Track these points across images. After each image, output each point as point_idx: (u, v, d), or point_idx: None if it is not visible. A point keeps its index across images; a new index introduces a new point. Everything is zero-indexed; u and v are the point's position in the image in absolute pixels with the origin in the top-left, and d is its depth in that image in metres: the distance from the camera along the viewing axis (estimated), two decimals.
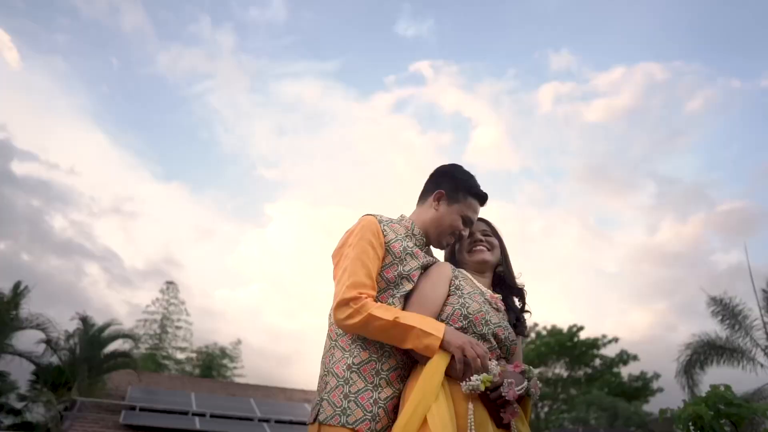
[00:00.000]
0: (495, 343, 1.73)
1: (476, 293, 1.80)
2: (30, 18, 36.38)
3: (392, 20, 39.76)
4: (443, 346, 1.55)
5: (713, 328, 11.61)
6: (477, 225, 1.98)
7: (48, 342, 14.04)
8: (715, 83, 36.86)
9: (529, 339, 25.91)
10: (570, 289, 42.68)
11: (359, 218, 1.83)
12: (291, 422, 13.68)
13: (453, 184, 1.90)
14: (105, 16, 35.85)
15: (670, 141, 38.67)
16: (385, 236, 1.75)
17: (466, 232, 1.92)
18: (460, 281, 1.81)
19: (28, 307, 14.06)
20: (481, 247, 1.93)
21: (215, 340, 33.16)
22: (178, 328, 28.27)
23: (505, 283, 1.98)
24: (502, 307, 1.86)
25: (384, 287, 1.72)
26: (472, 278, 1.89)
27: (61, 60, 37.00)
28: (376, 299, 1.69)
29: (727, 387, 2.22)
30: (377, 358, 1.65)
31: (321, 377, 1.70)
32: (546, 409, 25.53)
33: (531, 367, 1.68)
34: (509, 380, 1.55)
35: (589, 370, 25.87)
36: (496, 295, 1.88)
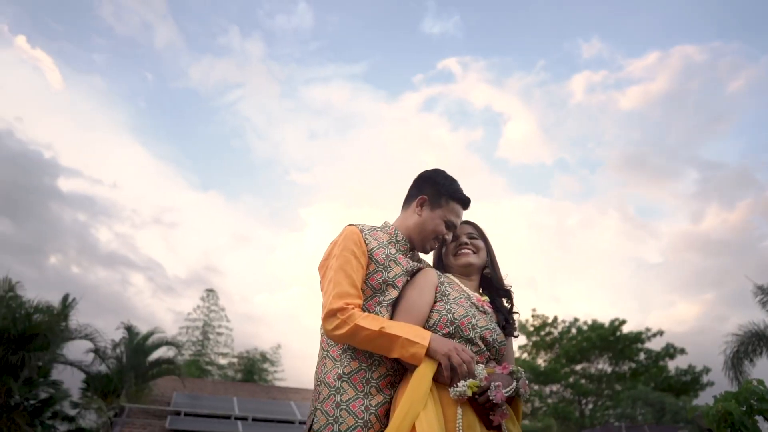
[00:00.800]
0: (483, 346, 1.73)
1: (462, 298, 1.81)
2: (69, 40, 38.01)
3: (417, 19, 39.70)
4: (429, 354, 1.57)
5: (762, 318, 11.13)
6: (463, 228, 1.99)
7: (96, 351, 14.61)
8: (758, 62, 35.43)
9: (570, 334, 25.42)
10: (612, 283, 41.67)
11: (342, 229, 1.86)
12: None
13: (435, 189, 1.92)
14: (138, 33, 37.09)
15: (712, 125, 37.37)
16: (367, 245, 1.78)
17: (450, 236, 1.93)
18: (446, 287, 1.82)
19: (76, 318, 14.64)
20: (466, 251, 1.93)
21: (256, 344, 33.85)
22: (219, 334, 28.94)
23: (492, 285, 1.98)
24: (490, 310, 1.86)
25: (370, 294, 1.75)
26: (459, 282, 1.90)
27: (99, 78, 38.50)
28: (363, 307, 1.71)
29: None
30: (367, 367, 1.67)
31: (315, 387, 1.73)
32: (591, 405, 24.97)
33: (519, 368, 1.69)
34: (496, 383, 1.56)
35: (633, 365, 25.17)
36: (483, 298, 1.89)
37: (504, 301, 1.97)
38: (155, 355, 15.71)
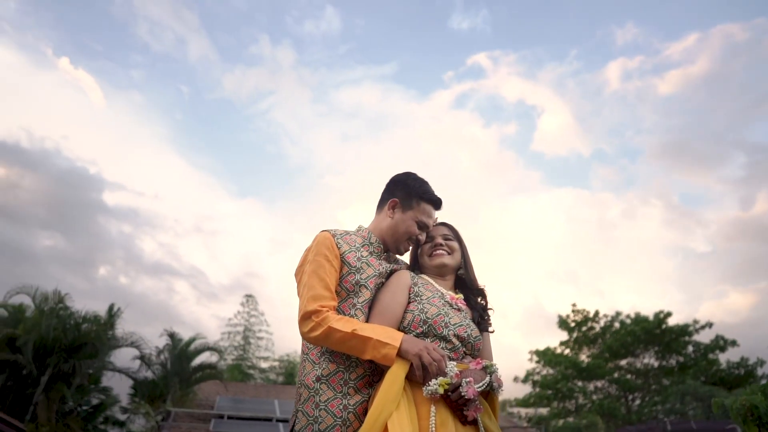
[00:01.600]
0: (458, 342, 1.77)
1: (435, 297, 1.85)
2: (108, 58, 39.57)
3: (445, 15, 39.54)
4: (401, 355, 1.61)
5: None
6: (438, 229, 2.02)
7: (142, 358, 15.14)
8: None
9: (612, 329, 24.74)
10: (657, 274, 40.38)
11: (315, 235, 1.91)
12: None
13: (406, 192, 1.96)
14: (173, 48, 38.32)
15: (759, 106, 35.70)
16: (339, 248, 1.83)
17: (423, 237, 1.97)
18: (419, 287, 1.86)
19: (122, 327, 15.22)
20: (441, 251, 1.96)
21: (296, 348, 34.35)
22: (259, 338, 29.51)
23: (466, 285, 2.01)
24: (464, 306, 1.90)
25: (344, 296, 1.80)
26: (433, 282, 1.93)
27: (138, 93, 39.98)
28: (338, 309, 1.77)
29: None
30: (344, 369, 1.72)
31: (296, 389, 1.80)
32: (637, 401, 24.24)
33: (492, 363, 1.73)
34: (468, 379, 1.60)
35: (681, 359, 24.29)
36: (457, 296, 1.92)
37: (479, 299, 2.00)
38: (198, 360, 16.16)
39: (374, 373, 1.74)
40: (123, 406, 16.30)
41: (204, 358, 16.40)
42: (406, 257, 2.10)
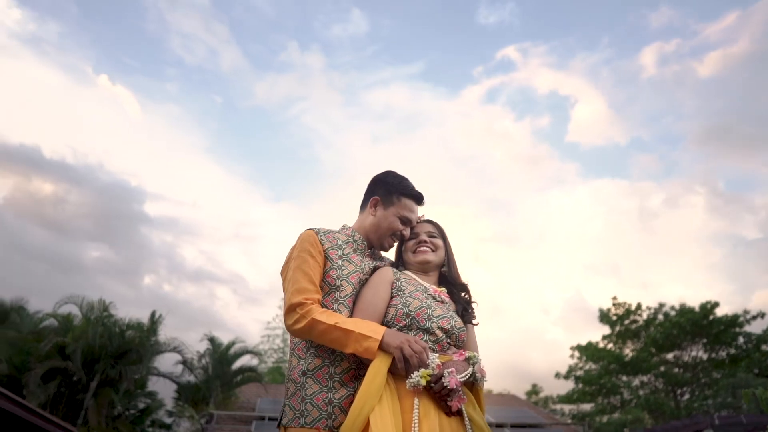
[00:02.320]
0: (442, 334, 1.79)
1: (418, 291, 1.87)
2: (144, 73, 40.99)
3: (472, 10, 39.22)
4: (382, 348, 1.63)
5: None
6: (423, 226, 2.06)
7: (184, 362, 15.59)
8: None
9: (656, 321, 23.97)
10: (704, 264, 38.98)
11: (300, 234, 1.96)
12: None
13: (386, 189, 2.02)
14: (205, 60, 39.34)
15: None
16: (322, 245, 1.89)
17: (407, 232, 2.02)
18: (401, 283, 1.90)
19: (164, 333, 15.71)
20: (425, 248, 1.99)
21: None
22: None
23: (449, 282, 2.04)
24: (447, 299, 1.92)
25: (327, 291, 1.85)
26: (416, 277, 1.96)
27: (173, 105, 41.27)
28: (321, 303, 1.81)
29: None
30: (329, 363, 1.76)
31: (285, 384, 1.86)
32: (686, 396, 23.40)
33: (475, 354, 1.75)
34: (449, 369, 1.62)
35: (732, 351, 23.31)
36: (440, 289, 1.94)
37: (462, 294, 2.02)
38: (238, 363, 16.52)
39: (360, 366, 1.77)
40: (168, 410, 16.83)
41: (244, 361, 16.77)
42: (391, 254, 2.14)
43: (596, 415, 23.62)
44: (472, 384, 1.74)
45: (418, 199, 2.04)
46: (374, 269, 1.95)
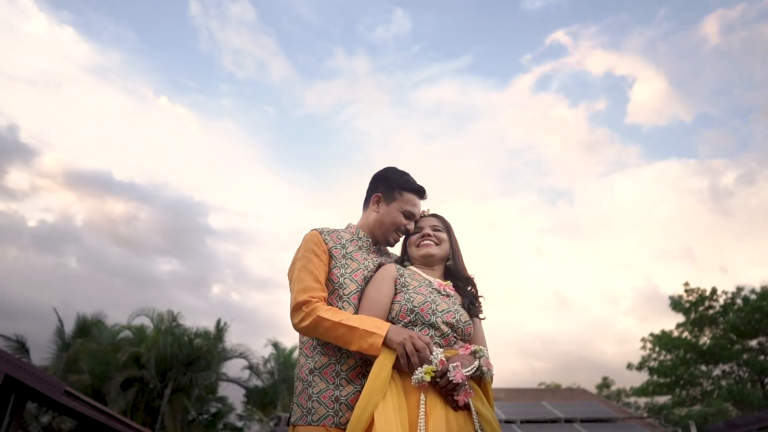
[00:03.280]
0: (447, 329, 1.76)
1: (422, 286, 1.85)
2: (200, 92, 42.92)
3: None
4: (386, 344, 1.62)
5: None
6: (428, 220, 2.04)
7: (250, 368, 16.15)
8: None
9: (735, 306, 22.46)
10: None
11: (304, 235, 1.99)
12: None
13: (387, 185, 2.03)
14: (256, 73, 40.71)
15: None
16: (326, 244, 1.91)
17: (411, 226, 2.01)
18: (405, 278, 1.88)
19: (230, 340, 16.31)
20: (428, 242, 1.97)
21: None
22: None
23: (455, 276, 2.01)
24: (453, 292, 1.90)
25: (331, 289, 1.86)
26: (421, 272, 1.94)
27: (229, 120, 42.96)
28: (327, 301, 1.82)
29: None
30: (336, 361, 1.77)
31: (294, 383, 1.86)
32: None
33: (481, 347, 1.72)
34: (455, 364, 1.61)
35: None
36: (446, 283, 1.92)
37: (468, 288, 1.99)
38: None
39: (366, 363, 1.76)
40: (239, 414, 17.44)
41: None
42: (397, 250, 2.13)
43: (674, 408, 22.42)
44: (480, 378, 1.71)
45: (420, 192, 2.03)
46: (379, 266, 1.95)
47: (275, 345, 17.17)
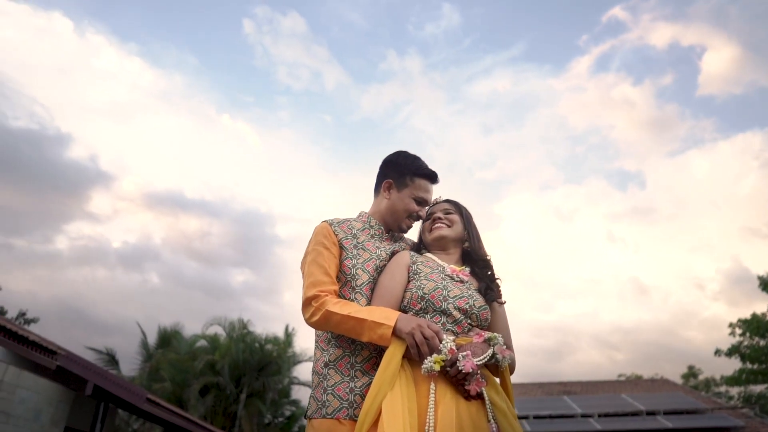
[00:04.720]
0: (460, 315, 1.71)
1: (434, 272, 1.81)
2: (258, 106, 44.52)
3: None
4: (396, 334, 1.58)
5: None
6: (440, 206, 2.02)
7: None
8: None
9: None
10: None
11: (314, 228, 1.96)
12: (550, 416, 13.29)
13: (398, 171, 1.97)
14: (310, 83, 41.70)
15: None
16: (336, 235, 1.88)
17: (423, 212, 1.98)
18: (418, 265, 1.84)
19: (298, 344, 16.75)
20: (440, 224, 1.94)
21: None
22: None
23: (472, 258, 1.94)
24: (467, 278, 1.83)
25: (344, 281, 1.83)
26: (435, 258, 1.90)
27: (288, 131, 44.21)
28: (339, 293, 1.79)
29: None
30: (350, 353, 1.74)
31: (311, 377, 1.84)
32: None
33: (496, 334, 1.64)
34: (465, 353, 1.55)
35: None
36: (460, 268, 1.86)
37: (486, 271, 1.91)
38: None
39: (381, 354, 1.72)
40: None
41: None
42: (412, 234, 2.09)
43: None
44: (496, 366, 1.64)
45: (432, 177, 1.98)
46: (392, 254, 1.92)
47: None
